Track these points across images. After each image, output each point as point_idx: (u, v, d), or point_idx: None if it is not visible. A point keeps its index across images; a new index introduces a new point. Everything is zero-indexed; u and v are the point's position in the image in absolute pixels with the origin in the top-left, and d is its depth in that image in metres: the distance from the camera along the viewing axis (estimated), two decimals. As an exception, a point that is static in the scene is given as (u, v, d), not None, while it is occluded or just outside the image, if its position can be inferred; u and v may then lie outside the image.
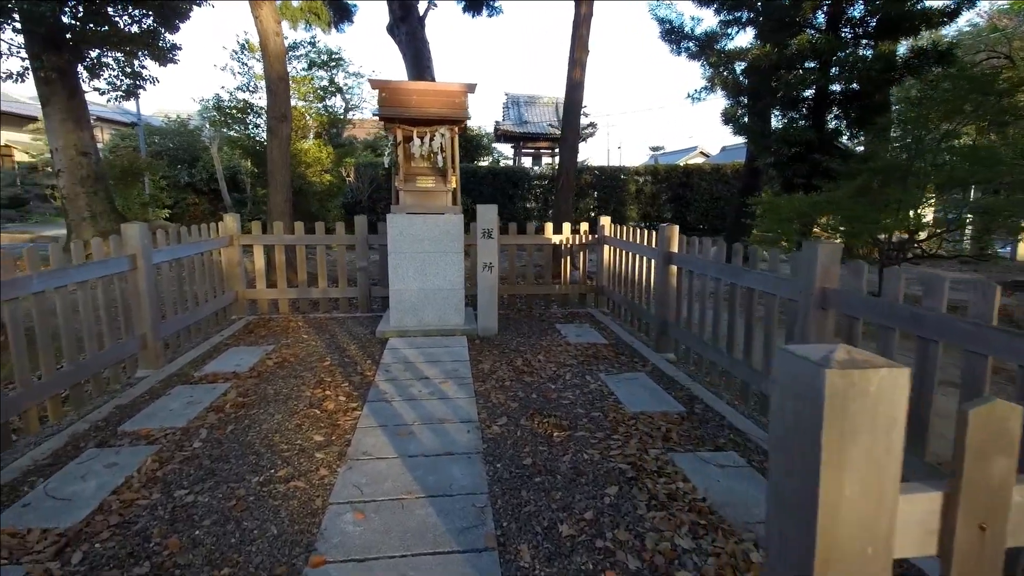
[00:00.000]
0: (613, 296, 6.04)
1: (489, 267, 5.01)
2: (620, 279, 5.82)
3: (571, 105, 8.39)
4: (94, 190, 10.42)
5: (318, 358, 4.37)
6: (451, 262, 5.10)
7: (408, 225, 4.99)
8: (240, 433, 3.01)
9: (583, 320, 5.79)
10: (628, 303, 5.55)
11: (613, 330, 5.35)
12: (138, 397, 3.57)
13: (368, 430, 3.04)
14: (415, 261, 5.05)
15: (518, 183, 16.91)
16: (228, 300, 5.77)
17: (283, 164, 7.68)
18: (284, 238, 5.99)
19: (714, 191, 17.47)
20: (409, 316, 5.12)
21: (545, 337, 5.04)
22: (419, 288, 5.09)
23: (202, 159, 16.79)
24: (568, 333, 5.17)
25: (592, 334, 5.16)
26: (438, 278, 5.10)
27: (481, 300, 5.06)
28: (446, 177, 5.12)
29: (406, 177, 5.08)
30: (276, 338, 4.99)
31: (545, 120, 26.75)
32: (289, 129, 7.75)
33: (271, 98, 7.52)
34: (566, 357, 4.42)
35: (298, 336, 5.05)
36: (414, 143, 4.94)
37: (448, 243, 5.07)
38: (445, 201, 5.16)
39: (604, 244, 6.26)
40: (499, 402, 3.46)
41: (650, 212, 17.78)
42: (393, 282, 5.06)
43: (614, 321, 5.75)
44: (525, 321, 5.69)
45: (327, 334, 5.12)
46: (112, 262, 3.86)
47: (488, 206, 4.93)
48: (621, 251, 5.76)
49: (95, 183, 10.43)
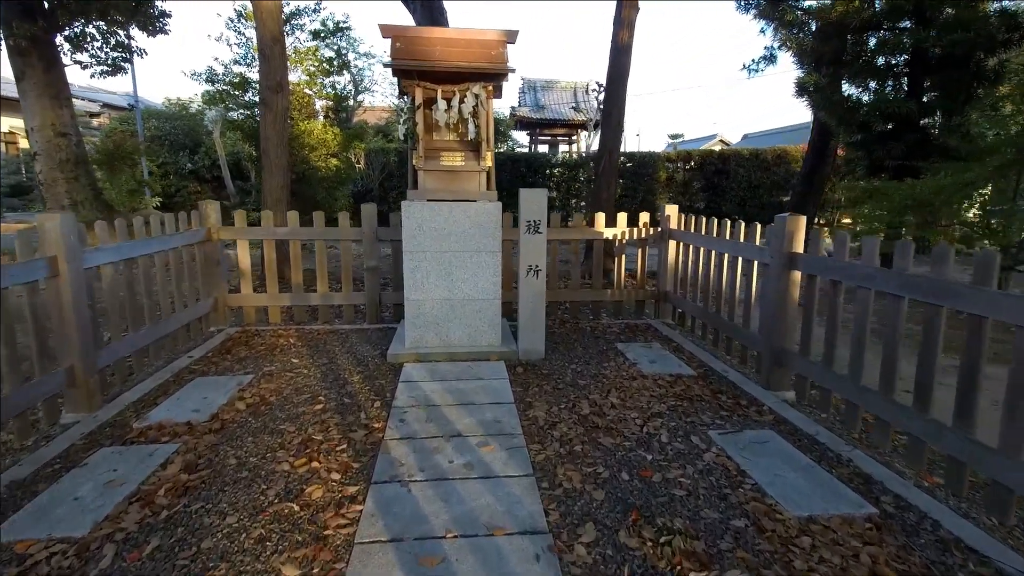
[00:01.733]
0: (683, 305, 4.81)
1: (535, 271, 3.81)
2: (694, 284, 4.59)
3: (616, 74, 7.11)
4: (75, 175, 9.35)
5: (308, 397, 3.22)
6: (485, 264, 3.91)
7: (430, 216, 3.80)
8: (167, 554, 1.86)
9: (648, 336, 4.58)
10: (708, 316, 4.32)
11: (691, 352, 4.13)
12: (43, 467, 2.44)
13: (372, 551, 1.87)
14: (438, 263, 3.87)
15: (537, 170, 15.62)
16: (205, 309, 4.64)
17: (279, 143, 6.52)
18: (275, 231, 4.83)
19: (752, 178, 16.06)
20: (430, 334, 3.94)
21: (607, 363, 3.84)
22: (443, 298, 3.91)
23: (204, 144, 15.71)
24: (637, 357, 3.97)
25: (668, 359, 3.95)
26: (468, 285, 3.92)
27: (523, 313, 3.86)
28: (479, 153, 3.91)
29: (427, 153, 3.88)
30: (258, 362, 3.85)
31: (564, 105, 25.37)
32: (286, 102, 6.57)
33: (264, 64, 6.34)
34: (648, 398, 3.22)
35: (286, 359, 3.89)
36: (438, 107, 3.73)
37: (482, 239, 3.87)
38: (477, 184, 3.95)
39: (670, 240, 5.03)
40: (573, 487, 2.27)
41: (681, 201, 16.42)
42: (409, 289, 3.89)
43: (688, 338, 4.53)
44: (575, 337, 4.49)
45: (324, 356, 3.97)
46: (19, 268, 2.72)
47: (534, 191, 3.72)
48: (697, 249, 4.53)
49: (75, 167, 9.35)
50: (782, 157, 16.03)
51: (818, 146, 8.99)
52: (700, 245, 4.48)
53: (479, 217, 3.85)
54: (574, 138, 26.33)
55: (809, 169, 9.09)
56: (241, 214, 4.82)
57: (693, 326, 4.69)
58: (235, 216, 4.82)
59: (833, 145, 9.03)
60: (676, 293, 5.00)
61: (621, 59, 7.08)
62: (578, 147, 25.92)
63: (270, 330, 4.68)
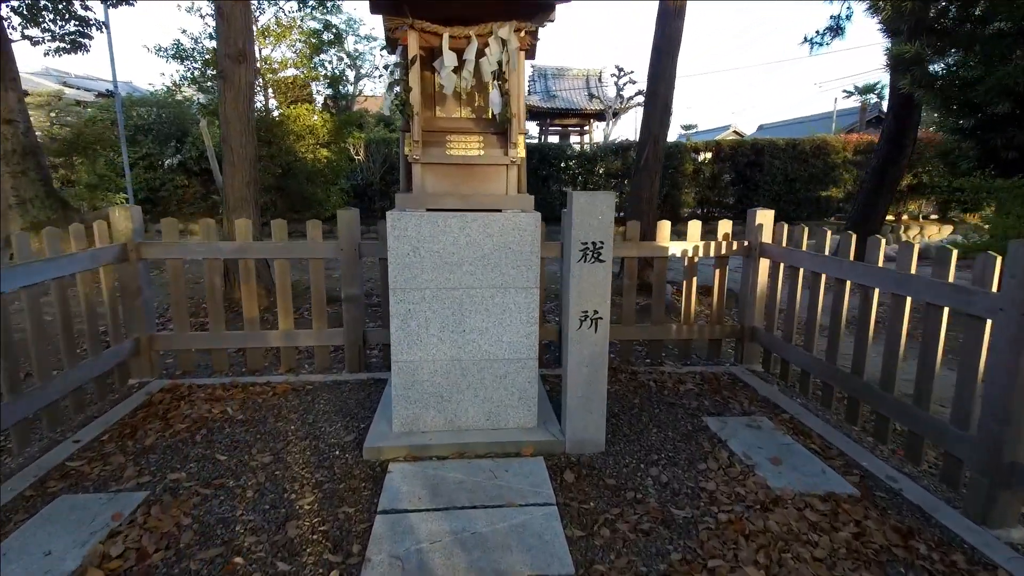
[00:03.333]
0: (786, 352, 3.44)
1: (593, 320, 2.45)
2: (808, 327, 3.22)
3: (666, 43, 5.70)
4: (22, 168, 7.99)
5: (219, 555, 1.88)
6: (516, 306, 2.55)
7: (431, 234, 2.45)
8: None
9: (741, 398, 3.21)
10: (841, 379, 2.95)
11: (821, 434, 2.77)
12: None
13: None
14: (443, 305, 2.51)
15: (552, 162, 14.21)
16: (119, 356, 3.32)
17: (243, 127, 5.17)
18: (218, 248, 3.49)
19: (789, 171, 14.60)
20: (430, 412, 2.60)
21: (704, 463, 2.48)
22: (451, 358, 2.56)
23: (192, 134, 14.38)
24: (747, 449, 2.60)
25: (797, 454, 2.58)
26: (488, 338, 2.56)
27: (573, 384, 2.51)
28: (506, 137, 2.54)
29: (427, 138, 2.52)
30: (167, 458, 2.51)
31: (576, 94, 23.88)
32: (252, 76, 5.21)
33: (222, 25, 4.98)
34: (802, 553, 1.87)
35: (210, 453, 2.55)
36: (443, 63, 2.36)
37: (510, 269, 2.52)
38: (504, 185, 2.58)
39: (761, 258, 3.65)
40: None
41: (709, 196, 15.00)
42: (399, 346, 2.54)
43: (795, 398, 3.17)
44: (637, 402, 3.13)
45: (269, 444, 2.63)
46: None
47: (594, 195, 2.35)
48: (817, 276, 3.16)
49: (23, 159, 7.99)
50: (821, 148, 14.55)
51: (894, 134, 7.54)
52: (821, 271, 3.10)
53: (507, 235, 2.49)
54: (586, 128, 24.92)
55: (882, 161, 7.64)
56: (169, 223, 3.48)
57: (807, 386, 3.31)
58: (162, 226, 3.48)
59: (911, 134, 7.59)
60: (772, 332, 3.63)
61: (671, 24, 5.67)
62: (591, 138, 24.50)
63: (208, 387, 3.35)
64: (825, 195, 14.62)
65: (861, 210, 7.87)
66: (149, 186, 13.93)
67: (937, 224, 14.88)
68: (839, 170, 14.45)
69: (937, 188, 14.34)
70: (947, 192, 14.55)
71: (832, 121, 25.43)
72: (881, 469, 2.48)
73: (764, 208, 3.71)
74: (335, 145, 9.58)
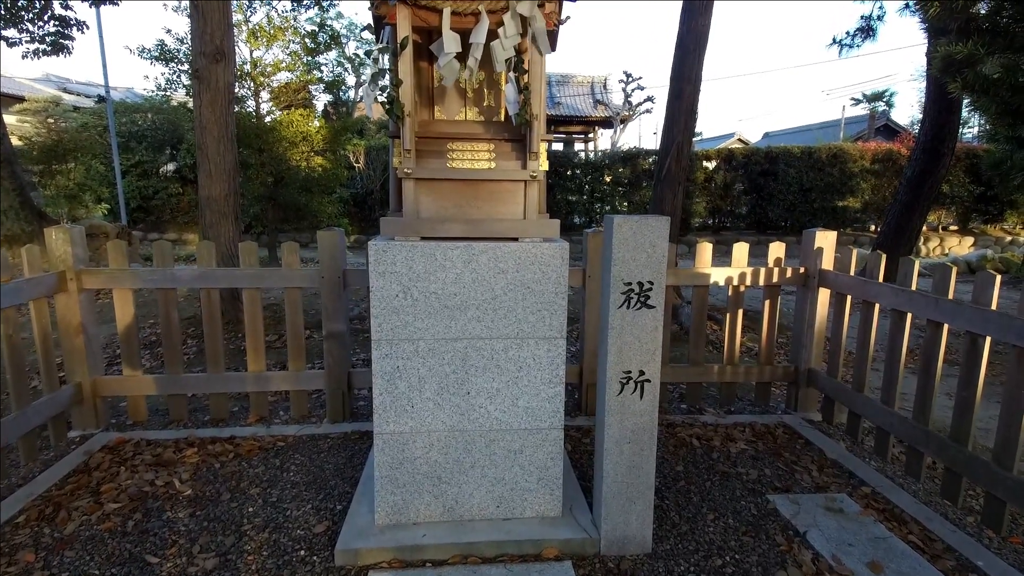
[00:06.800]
0: (861, 407, 2.84)
1: (639, 382, 1.87)
2: (890, 378, 2.63)
3: (692, 39, 5.15)
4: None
5: None
6: (535, 361, 1.97)
7: (426, 269, 1.87)
8: None
9: (810, 465, 2.61)
10: (954, 458, 2.36)
11: (920, 521, 2.18)
12: None
13: None
14: (442, 360, 1.94)
15: (557, 170, 13.67)
16: (56, 406, 2.75)
17: (221, 133, 4.62)
18: (172, 275, 2.92)
19: (804, 180, 14.05)
20: (424, 498, 2.01)
21: (784, 571, 1.89)
22: (451, 427, 1.98)
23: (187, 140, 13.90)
24: (837, 550, 2.01)
25: (906, 560, 1.98)
26: (499, 402, 1.98)
27: (613, 462, 1.92)
28: (524, 144, 1.97)
29: (422, 145, 1.95)
30: (87, 558, 1.92)
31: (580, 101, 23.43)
32: (231, 76, 4.67)
33: (198, 21, 4.45)
34: None
35: (143, 548, 1.97)
36: (443, 48, 1.80)
37: (529, 313, 1.94)
38: (522, 206, 2.00)
39: (820, 288, 3.08)
40: None
41: (721, 206, 14.46)
42: (384, 414, 1.96)
43: (869, 463, 2.58)
44: (682, 470, 2.55)
45: (220, 535, 2.04)
46: None
47: (644, 220, 1.78)
48: (902, 315, 2.58)
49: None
50: (838, 156, 14.02)
51: (931, 144, 6.96)
52: (908, 310, 2.52)
53: (525, 271, 1.91)
54: (591, 136, 24.47)
55: (918, 173, 7.06)
56: (115, 246, 2.91)
57: (885, 447, 2.71)
58: (108, 250, 2.91)
59: (950, 143, 7.02)
60: (836, 378, 3.03)
61: (698, 21, 5.13)
62: (595, 145, 24.04)
63: (159, 444, 2.77)
64: (842, 205, 14.05)
65: (896, 224, 7.29)
66: (142, 194, 13.44)
67: (958, 236, 14.30)
68: (856, 179, 13.89)
69: (958, 199, 13.80)
70: (968, 202, 14.02)
71: (840, 129, 24.92)
72: (1003, 572, 1.89)
73: (824, 230, 3.14)
74: (331, 153, 9.05)
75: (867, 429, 2.92)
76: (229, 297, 4.74)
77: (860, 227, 14.52)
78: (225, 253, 4.62)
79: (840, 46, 7.28)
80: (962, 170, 12.85)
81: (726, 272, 3.10)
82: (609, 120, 21.11)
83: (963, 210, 14.27)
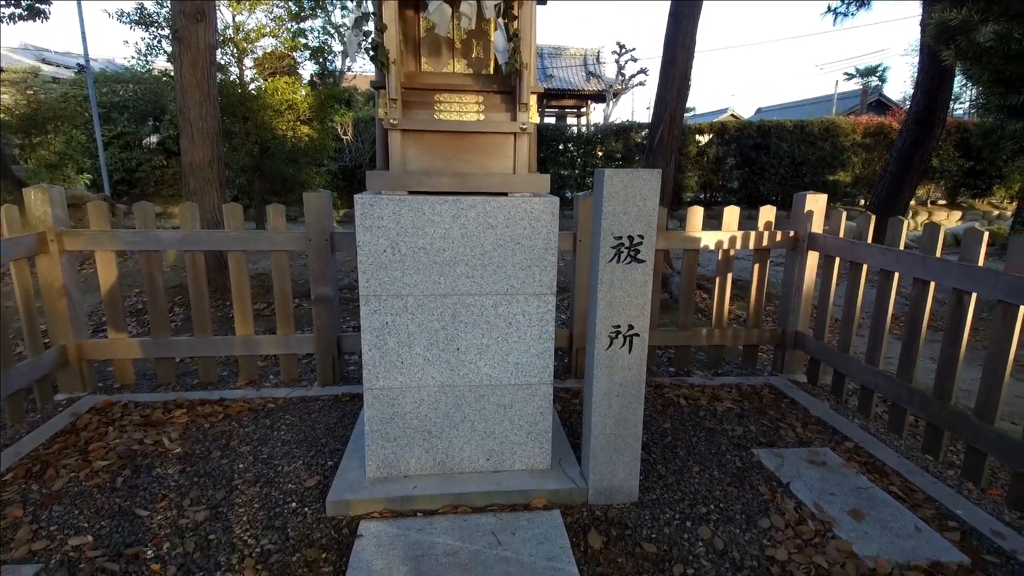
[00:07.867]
0: (846, 366, 2.89)
1: (628, 336, 1.88)
2: (875, 336, 2.67)
3: (687, 2, 5.06)
4: (-30, 146, 7.31)
5: None
6: (525, 317, 1.97)
7: (414, 224, 1.85)
8: None
9: (794, 422, 2.66)
10: (937, 414, 2.41)
11: (896, 469, 2.24)
12: None
13: None
14: (432, 316, 1.93)
15: (549, 144, 13.53)
16: (39, 369, 2.72)
17: (204, 97, 4.50)
18: (156, 238, 2.87)
19: (796, 154, 14.02)
20: (414, 452, 2.03)
21: (767, 517, 1.93)
22: (441, 383, 1.99)
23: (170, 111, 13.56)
24: (819, 498, 2.06)
25: (882, 505, 2.04)
26: (489, 358, 1.99)
27: (600, 415, 1.94)
28: (513, 96, 1.94)
29: (409, 96, 1.91)
30: (76, 512, 1.93)
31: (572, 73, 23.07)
32: (212, 38, 4.53)
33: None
34: None
35: (133, 502, 1.98)
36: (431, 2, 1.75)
37: (519, 269, 1.93)
38: (511, 160, 1.97)
39: (810, 251, 3.09)
40: None
41: (713, 180, 14.44)
42: (374, 370, 1.96)
43: (853, 420, 2.63)
44: (669, 427, 2.59)
45: (211, 489, 2.05)
46: None
47: (635, 174, 1.76)
48: (888, 274, 2.60)
49: (-29, 136, 7.32)
50: (830, 130, 13.98)
51: (923, 114, 6.96)
52: (895, 269, 2.54)
53: (515, 227, 1.90)
54: (583, 110, 24.17)
55: (909, 144, 7.07)
56: (96, 206, 2.85)
57: (869, 405, 2.76)
58: (89, 211, 2.85)
59: (941, 114, 7.01)
60: (823, 340, 3.07)
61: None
62: (588, 119, 23.78)
63: (147, 405, 2.76)
64: (833, 179, 14.07)
65: (885, 195, 7.32)
66: (125, 166, 13.16)
67: (946, 210, 14.40)
68: (848, 153, 13.89)
69: (947, 173, 13.86)
70: (957, 176, 14.09)
71: (832, 104, 24.83)
72: (982, 521, 1.96)
73: (815, 193, 3.13)
74: (318, 122, 8.87)
75: (851, 390, 2.97)
76: (215, 265, 4.69)
77: (850, 201, 14.57)
78: (210, 220, 4.54)
79: (835, 14, 7.20)
80: (952, 144, 12.88)
81: (716, 236, 3.10)
82: (602, 94, 20.84)
83: (952, 184, 14.34)
